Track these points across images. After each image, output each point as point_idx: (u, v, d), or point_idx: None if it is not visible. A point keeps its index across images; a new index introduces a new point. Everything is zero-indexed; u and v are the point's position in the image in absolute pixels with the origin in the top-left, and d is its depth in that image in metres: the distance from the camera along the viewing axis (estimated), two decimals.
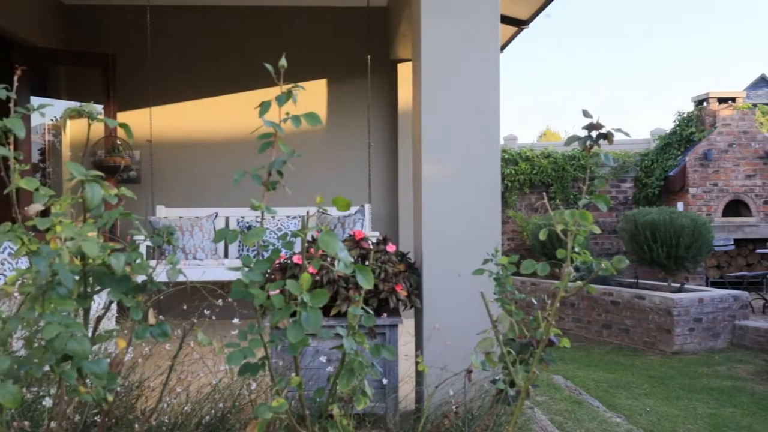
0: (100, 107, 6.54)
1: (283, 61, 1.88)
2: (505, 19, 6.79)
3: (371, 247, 3.56)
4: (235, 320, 2.93)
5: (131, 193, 1.63)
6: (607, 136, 2.18)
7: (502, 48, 7.84)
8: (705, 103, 10.56)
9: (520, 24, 6.89)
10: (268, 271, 3.96)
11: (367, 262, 3.12)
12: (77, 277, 1.43)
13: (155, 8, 6.39)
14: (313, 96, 7.21)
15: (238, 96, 7.13)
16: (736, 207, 10.35)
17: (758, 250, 9.41)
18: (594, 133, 2.18)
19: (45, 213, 1.52)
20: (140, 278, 1.55)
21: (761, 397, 5.26)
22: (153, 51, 6.34)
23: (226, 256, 6.55)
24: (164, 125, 7.00)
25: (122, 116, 6.92)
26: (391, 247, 3.58)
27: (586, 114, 2.22)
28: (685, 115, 11.05)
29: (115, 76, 6.70)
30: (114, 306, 3.90)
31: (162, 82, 6.88)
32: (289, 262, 3.65)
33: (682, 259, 7.54)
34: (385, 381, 3.19)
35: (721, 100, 10.42)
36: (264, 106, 1.78)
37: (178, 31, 7.06)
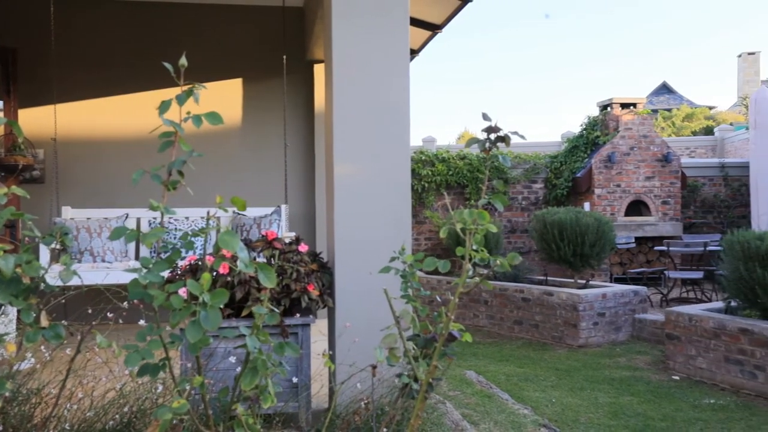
0: None
1: (183, 60, 1.87)
2: (420, 23, 6.93)
3: (284, 247, 3.57)
4: (141, 322, 2.87)
5: (23, 191, 1.58)
6: (505, 139, 2.29)
7: (418, 51, 7.99)
8: (609, 108, 11.11)
9: (434, 28, 7.04)
10: (179, 272, 3.89)
11: (274, 262, 3.14)
12: None
13: (60, 1, 6.14)
14: (228, 95, 7.12)
15: (150, 94, 6.94)
16: (637, 207, 10.95)
17: (656, 248, 9.99)
18: (492, 136, 2.28)
19: None
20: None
21: (656, 385, 5.60)
22: (58, 46, 6.09)
23: (137, 258, 6.37)
24: (71, 123, 6.74)
25: (24, 113, 6.61)
26: (303, 247, 3.59)
27: (485, 117, 2.32)
28: (591, 119, 11.59)
29: (16, 70, 6.39)
30: (13, 310, 3.73)
31: (68, 78, 6.61)
32: (200, 263, 3.60)
33: (587, 256, 7.90)
34: (295, 380, 3.20)
35: (624, 106, 11.00)
36: (164, 105, 1.77)
37: (85, 25, 6.81)
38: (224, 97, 7.06)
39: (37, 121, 6.48)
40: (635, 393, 5.36)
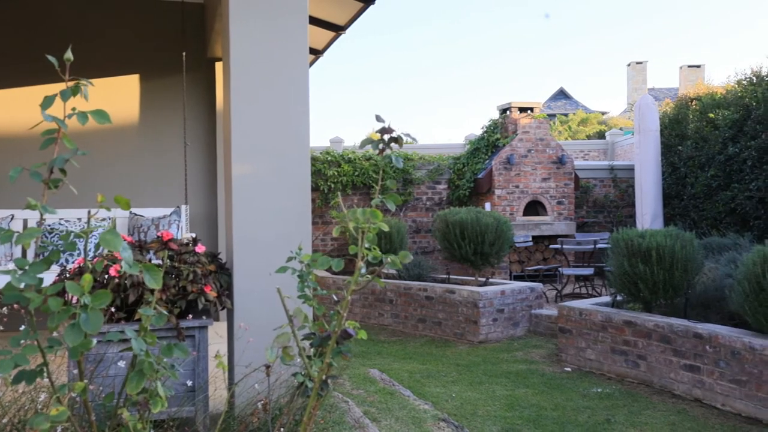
0: None
1: (68, 54, 1.80)
2: (324, 24, 6.94)
3: (180, 248, 3.49)
4: (23, 328, 2.72)
5: None
6: (398, 140, 2.34)
7: (322, 51, 7.99)
8: (508, 112, 11.54)
9: (338, 29, 7.07)
10: (67, 275, 3.72)
11: (165, 262, 3.06)
12: None
13: None
14: (125, 92, 6.84)
15: (36, 89, 6.57)
16: (534, 207, 11.43)
17: (552, 246, 10.47)
18: (386, 137, 2.33)
19: None
20: None
21: (550, 377, 5.87)
22: None
23: None
24: None
25: None
26: (200, 248, 3.52)
27: (378, 119, 2.37)
28: (491, 122, 11.99)
29: None
30: None
31: None
32: (89, 265, 3.45)
33: (487, 255, 8.18)
34: (190, 383, 3.14)
35: (522, 110, 11.46)
36: (47, 101, 1.70)
37: None
38: (121, 94, 6.79)
39: None
40: (530, 385, 5.61)
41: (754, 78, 10.79)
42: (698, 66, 33.34)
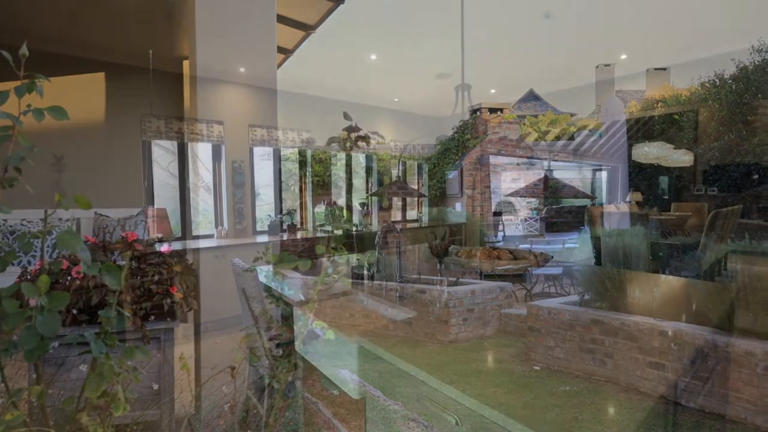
0: None
1: (23, 50, 1.76)
2: (293, 23, 6.90)
3: (145, 248, 3.43)
4: None
5: None
6: (366, 138, 2.34)
7: (292, 51, 7.94)
8: (478, 113, 11.61)
9: (308, 28, 7.03)
10: (29, 277, 3.63)
11: (127, 263, 3.01)
12: None
13: None
14: (93, 90, 6.71)
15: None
16: (504, 206, 11.52)
17: (521, 246, 10.55)
18: (353, 135, 2.32)
19: None
20: None
21: (519, 376, 5.91)
22: None
23: None
24: None
25: None
26: (166, 249, 3.47)
27: (346, 117, 2.35)
28: (462, 123, 12.06)
29: None
30: None
31: None
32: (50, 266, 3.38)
33: (457, 254, 8.22)
34: (155, 385, 3.09)
35: (492, 110, 11.54)
36: (0, 97, 1.66)
37: None
38: (87, 93, 6.66)
39: None
40: (499, 384, 5.64)
41: (717, 81, 11.02)
42: (664, 69, 33.96)
